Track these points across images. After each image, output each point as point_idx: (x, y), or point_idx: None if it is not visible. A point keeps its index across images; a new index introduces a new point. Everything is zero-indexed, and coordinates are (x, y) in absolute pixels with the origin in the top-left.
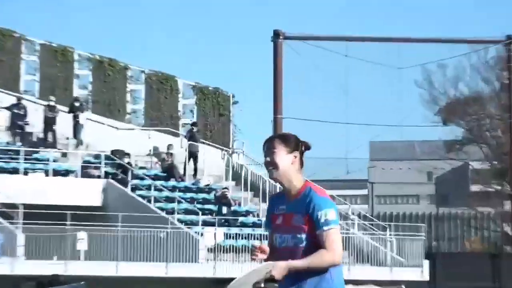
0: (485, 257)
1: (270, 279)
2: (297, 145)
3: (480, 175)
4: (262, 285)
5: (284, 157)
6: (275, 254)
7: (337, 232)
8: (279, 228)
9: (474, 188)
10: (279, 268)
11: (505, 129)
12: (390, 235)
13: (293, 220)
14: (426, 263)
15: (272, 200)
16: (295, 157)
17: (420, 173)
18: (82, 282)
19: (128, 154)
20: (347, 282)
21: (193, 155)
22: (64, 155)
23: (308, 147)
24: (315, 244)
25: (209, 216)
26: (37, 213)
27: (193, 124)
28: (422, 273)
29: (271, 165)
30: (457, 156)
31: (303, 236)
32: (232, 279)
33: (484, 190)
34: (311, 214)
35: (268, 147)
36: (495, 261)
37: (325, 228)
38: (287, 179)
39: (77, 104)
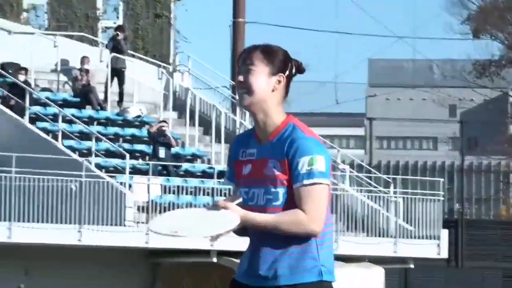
0: None
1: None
2: (285, 65)
3: None
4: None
5: (264, 79)
6: None
7: (324, 191)
8: (246, 180)
9: None
10: (234, 208)
11: None
12: (395, 193)
13: (266, 168)
14: (444, 233)
15: (236, 142)
16: (279, 81)
17: (440, 107)
18: None
19: (25, 69)
20: (334, 257)
21: (118, 73)
22: None
23: (300, 70)
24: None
25: (140, 161)
26: None
27: (118, 28)
28: (438, 247)
29: (243, 88)
30: (492, 83)
31: (280, 190)
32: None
33: None
34: (290, 159)
35: (244, 62)
36: None
37: (306, 181)
38: (263, 110)
39: None
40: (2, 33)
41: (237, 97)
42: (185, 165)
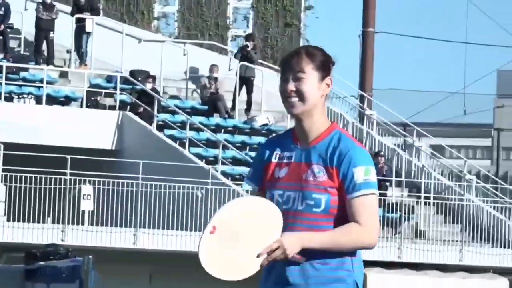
0: None
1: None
2: (329, 66)
3: None
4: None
5: (315, 86)
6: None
7: (377, 201)
8: (280, 182)
9: None
10: (290, 247)
11: None
12: None
13: (308, 173)
14: None
15: (268, 144)
16: (328, 85)
17: None
18: (90, 257)
19: (152, 77)
20: (458, 268)
21: (246, 81)
22: (64, 75)
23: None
24: (339, 214)
25: None
26: (23, 157)
27: (248, 37)
28: None
29: (296, 96)
30: None
31: (323, 196)
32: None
33: None
34: (342, 168)
35: (292, 68)
36: None
37: (362, 192)
38: (311, 115)
39: (83, 2)
40: (132, 40)
41: (365, 106)
42: None
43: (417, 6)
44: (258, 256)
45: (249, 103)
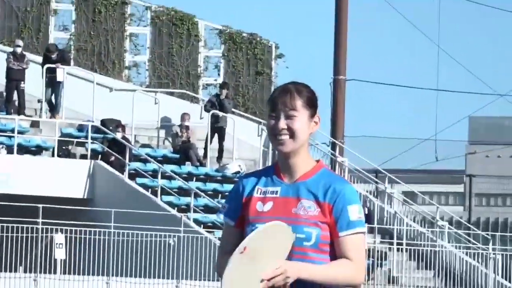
0: None
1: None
2: (317, 105)
3: None
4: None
5: (306, 124)
6: None
7: (364, 240)
8: (265, 216)
9: None
10: (293, 272)
11: None
12: (494, 250)
13: (298, 207)
14: None
15: (246, 180)
16: (316, 123)
17: None
18: None
19: (123, 126)
20: None
21: (218, 130)
22: (35, 124)
23: None
24: (329, 249)
25: None
26: None
27: (221, 86)
28: None
29: (287, 134)
30: None
31: (314, 231)
32: None
33: None
34: (336, 205)
35: (284, 105)
36: None
37: (356, 230)
38: (299, 154)
39: (53, 52)
40: (103, 90)
41: (337, 153)
42: None
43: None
44: (261, 281)
45: (220, 151)
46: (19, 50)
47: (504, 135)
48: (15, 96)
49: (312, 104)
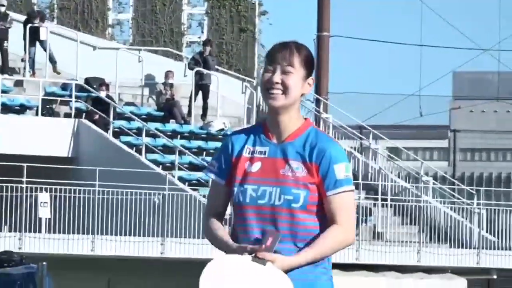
0: None
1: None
2: (313, 67)
3: None
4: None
5: (300, 83)
6: (242, 213)
7: (354, 198)
8: (252, 177)
9: None
10: (282, 266)
11: None
12: (478, 205)
13: (286, 168)
14: None
15: (235, 138)
16: (309, 85)
17: None
18: (44, 263)
19: (107, 85)
20: (416, 269)
21: (202, 87)
22: (19, 83)
23: None
24: (317, 210)
25: None
26: None
27: (204, 43)
28: None
29: (279, 88)
30: None
31: (302, 192)
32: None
33: None
34: (322, 165)
35: (283, 60)
36: None
37: (343, 188)
38: (288, 111)
39: (35, 17)
40: (87, 48)
41: (321, 109)
42: None
43: (372, 10)
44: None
45: (205, 108)
46: (2, 9)
47: (488, 90)
48: None
49: (309, 64)
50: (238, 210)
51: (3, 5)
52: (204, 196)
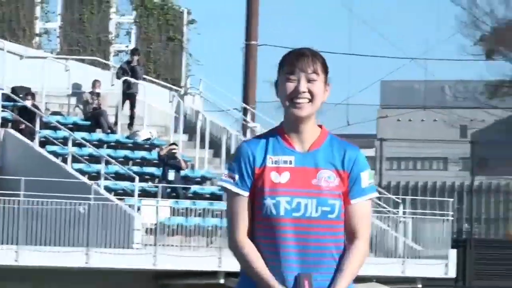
0: None
1: None
2: (328, 72)
3: None
4: None
5: (323, 89)
6: (274, 226)
7: (370, 205)
8: (283, 188)
9: None
10: None
11: None
12: (404, 213)
13: (318, 178)
14: (453, 253)
15: (254, 148)
16: (327, 91)
17: (451, 127)
18: None
19: (33, 94)
20: None
21: (129, 96)
22: None
23: None
24: (343, 218)
25: (150, 184)
26: None
27: (132, 52)
28: (446, 267)
29: (306, 97)
30: (504, 103)
31: (337, 202)
32: (179, 272)
33: None
34: (352, 172)
35: (307, 67)
36: None
37: (367, 196)
38: (310, 120)
39: None
40: (14, 57)
41: (248, 118)
42: (194, 187)
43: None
44: None
45: (132, 117)
46: None
47: (415, 99)
48: None
49: (327, 69)
50: (267, 223)
51: None
52: (129, 206)
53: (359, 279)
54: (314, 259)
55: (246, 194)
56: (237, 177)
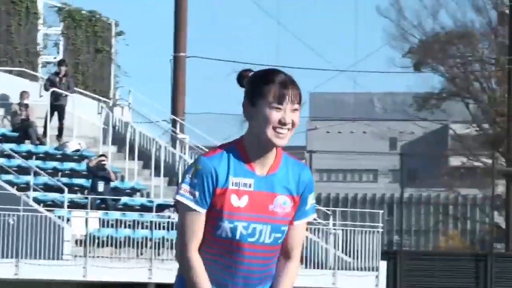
0: (467, 259)
1: None
2: None
3: (464, 143)
4: None
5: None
6: (226, 247)
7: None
8: (241, 213)
9: (455, 161)
10: None
11: (503, 79)
12: (334, 225)
13: (275, 203)
14: (383, 265)
15: (216, 165)
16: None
17: (380, 139)
18: None
19: None
20: None
21: (58, 108)
22: None
23: None
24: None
25: (79, 195)
26: None
27: (59, 63)
28: (377, 279)
29: (288, 127)
30: (433, 116)
31: (287, 228)
32: (109, 283)
33: (469, 164)
34: (302, 194)
35: (294, 97)
36: (481, 264)
37: (307, 218)
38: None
39: None
40: None
41: (177, 130)
42: (124, 199)
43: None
44: None
45: (60, 129)
46: None
47: (344, 111)
48: None
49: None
50: (221, 243)
51: None
52: (58, 217)
53: None
54: (258, 281)
55: (204, 212)
56: (197, 194)
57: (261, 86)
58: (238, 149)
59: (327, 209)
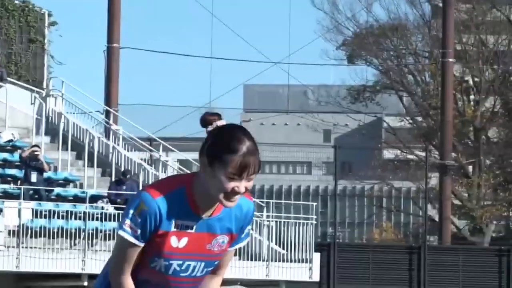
0: (400, 251)
1: None
2: None
3: (398, 136)
4: None
5: None
6: (163, 280)
7: None
8: (179, 253)
9: (389, 154)
10: None
11: (436, 72)
12: (268, 217)
13: (213, 243)
14: (316, 257)
15: (162, 208)
16: None
17: (314, 132)
18: None
19: None
20: None
21: None
22: None
23: None
24: None
25: (12, 186)
26: None
27: None
28: (310, 271)
29: (240, 194)
30: (367, 108)
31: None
32: (42, 274)
33: (403, 157)
34: (241, 228)
35: (253, 169)
36: (414, 256)
37: (244, 242)
38: None
39: None
40: None
41: (111, 121)
42: (57, 190)
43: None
44: None
45: None
46: None
47: (278, 103)
48: None
49: None
50: (153, 273)
51: None
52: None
53: (223, 283)
54: None
55: (142, 245)
56: (139, 231)
57: (223, 154)
58: (187, 193)
59: (260, 201)
